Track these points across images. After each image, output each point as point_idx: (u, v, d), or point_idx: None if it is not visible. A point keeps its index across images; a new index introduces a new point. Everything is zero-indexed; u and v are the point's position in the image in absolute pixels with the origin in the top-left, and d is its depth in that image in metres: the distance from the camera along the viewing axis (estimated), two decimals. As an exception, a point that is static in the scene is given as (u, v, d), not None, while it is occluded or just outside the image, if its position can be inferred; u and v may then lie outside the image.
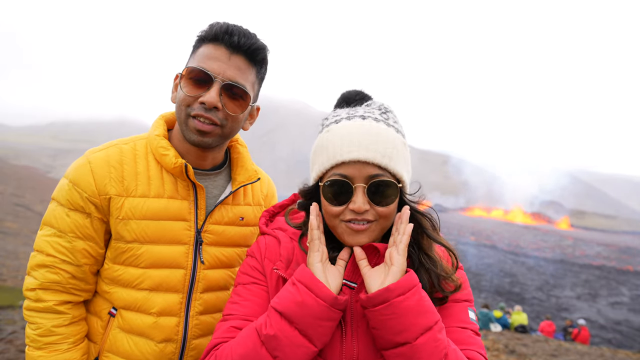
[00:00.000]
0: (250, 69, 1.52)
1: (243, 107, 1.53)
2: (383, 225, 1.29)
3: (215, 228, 1.63)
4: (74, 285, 1.52)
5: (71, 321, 1.53)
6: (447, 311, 1.30)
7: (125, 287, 1.55)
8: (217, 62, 1.45)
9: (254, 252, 1.45)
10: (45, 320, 1.49)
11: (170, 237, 1.55)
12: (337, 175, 1.24)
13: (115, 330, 1.55)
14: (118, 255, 1.54)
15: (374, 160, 1.22)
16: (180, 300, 1.57)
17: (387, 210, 1.25)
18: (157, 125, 1.63)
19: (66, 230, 1.49)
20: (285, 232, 1.45)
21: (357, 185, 1.23)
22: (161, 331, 1.54)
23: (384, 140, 1.25)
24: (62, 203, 1.51)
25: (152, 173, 1.56)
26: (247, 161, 1.76)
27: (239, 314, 1.32)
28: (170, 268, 1.55)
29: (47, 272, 1.49)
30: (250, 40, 1.48)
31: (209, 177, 1.67)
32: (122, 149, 1.57)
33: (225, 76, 1.45)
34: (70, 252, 1.50)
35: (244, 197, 1.76)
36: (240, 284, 1.41)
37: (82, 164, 1.52)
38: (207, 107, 1.45)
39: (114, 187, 1.50)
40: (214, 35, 1.46)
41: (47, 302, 1.49)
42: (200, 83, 1.46)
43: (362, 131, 1.25)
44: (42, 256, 1.50)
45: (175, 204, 1.56)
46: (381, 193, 1.23)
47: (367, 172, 1.22)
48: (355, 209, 1.22)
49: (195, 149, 1.58)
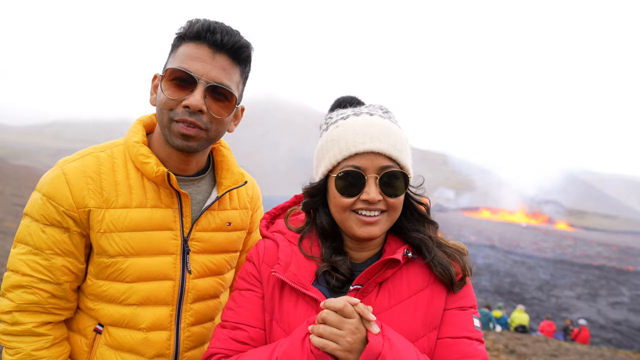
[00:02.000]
0: (235, 68, 1.45)
1: (229, 109, 1.46)
2: (392, 216, 1.32)
3: (202, 235, 1.57)
4: (53, 304, 1.43)
5: (52, 343, 1.44)
6: (455, 319, 1.32)
7: (111, 303, 1.47)
8: (200, 62, 1.37)
9: (252, 257, 1.46)
10: (24, 344, 1.39)
11: (156, 248, 1.48)
12: (350, 166, 1.26)
13: (102, 348, 1.48)
14: (101, 271, 1.46)
15: (387, 151, 1.25)
16: (170, 313, 1.51)
17: (397, 201, 1.29)
18: (135, 130, 1.54)
19: (43, 247, 1.40)
20: (284, 235, 1.44)
21: (370, 176, 1.25)
22: (152, 347, 1.48)
23: (394, 134, 1.30)
24: (37, 218, 1.41)
25: (132, 182, 1.47)
26: (232, 164, 1.69)
27: (233, 321, 1.36)
28: (157, 280, 1.48)
29: (24, 292, 1.39)
30: (234, 38, 1.40)
31: (192, 183, 1.59)
32: (98, 158, 1.47)
33: (209, 77, 1.37)
34: (49, 270, 1.40)
35: (230, 201, 1.69)
36: (237, 289, 1.45)
37: (55, 175, 1.42)
38: (191, 111, 1.37)
39: (93, 198, 1.41)
40: (196, 33, 1.38)
41: (26, 325, 1.39)
42: (183, 85, 1.38)
43: (373, 125, 1.29)
44: (17, 276, 1.39)
45: (159, 213, 1.48)
46: (392, 184, 1.27)
47: (379, 163, 1.25)
48: (369, 199, 1.24)
49: (178, 153, 1.50)
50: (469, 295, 1.37)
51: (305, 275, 1.33)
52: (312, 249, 1.40)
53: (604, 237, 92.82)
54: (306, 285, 1.30)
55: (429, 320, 1.29)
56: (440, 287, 1.33)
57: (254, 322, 1.36)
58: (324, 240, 1.40)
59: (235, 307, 1.39)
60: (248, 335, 1.34)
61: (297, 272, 1.33)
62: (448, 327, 1.30)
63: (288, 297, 1.33)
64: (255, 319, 1.36)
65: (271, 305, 1.35)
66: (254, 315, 1.36)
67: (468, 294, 1.37)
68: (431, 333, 1.29)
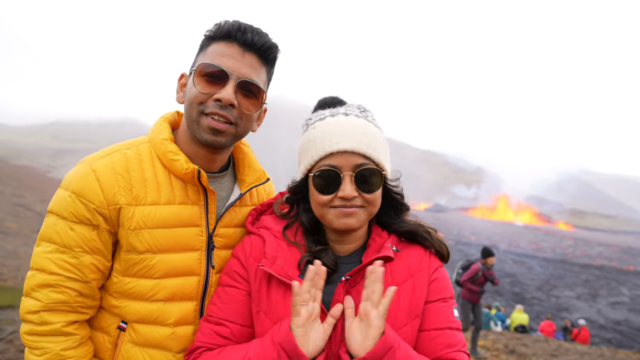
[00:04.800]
0: (262, 68, 1.49)
1: (257, 105, 1.50)
2: (370, 211, 1.38)
3: (225, 231, 1.60)
4: (81, 303, 1.43)
5: (80, 342, 1.43)
6: (439, 311, 1.40)
7: (138, 300, 1.48)
8: (230, 59, 1.41)
9: (238, 253, 1.52)
10: (53, 344, 1.38)
11: (183, 244, 1.50)
12: (326, 165, 1.33)
13: (127, 345, 1.48)
14: (129, 268, 1.46)
15: (360, 149, 1.31)
16: (195, 308, 1.54)
17: (373, 196, 1.35)
18: (162, 128, 1.55)
19: (72, 245, 1.39)
20: (270, 230, 1.50)
21: (345, 174, 1.32)
22: (179, 341, 1.51)
23: (366, 132, 1.35)
24: (64, 216, 1.39)
25: (160, 179, 1.49)
26: (254, 162, 1.72)
27: (215, 317, 1.43)
28: (184, 276, 1.51)
29: (52, 291, 1.38)
30: (263, 38, 1.45)
31: (216, 180, 1.63)
32: (126, 155, 1.48)
33: (240, 73, 1.41)
34: (77, 268, 1.39)
35: (250, 197, 1.74)
36: (220, 284, 1.51)
37: (85, 172, 1.41)
38: (222, 105, 1.41)
39: (124, 195, 1.42)
40: (226, 32, 1.42)
41: (54, 325, 1.38)
42: (215, 80, 1.41)
43: (347, 125, 1.35)
44: (43, 275, 1.38)
45: (187, 209, 1.51)
46: (367, 180, 1.33)
47: (353, 161, 1.32)
48: (344, 196, 1.31)
49: (205, 151, 1.53)
50: (448, 286, 1.46)
51: (292, 268, 1.38)
52: (296, 240, 1.47)
53: (604, 237, 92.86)
54: (292, 277, 1.34)
55: (412, 309, 1.37)
56: (423, 278, 1.42)
57: (236, 319, 1.42)
58: (307, 235, 1.47)
59: (218, 303, 1.45)
60: (230, 331, 1.40)
61: (284, 265, 1.38)
62: (433, 319, 1.38)
63: (276, 290, 1.38)
64: (238, 315, 1.42)
65: (258, 298, 1.40)
66: (236, 311, 1.42)
67: (447, 285, 1.46)
68: (414, 321, 1.37)
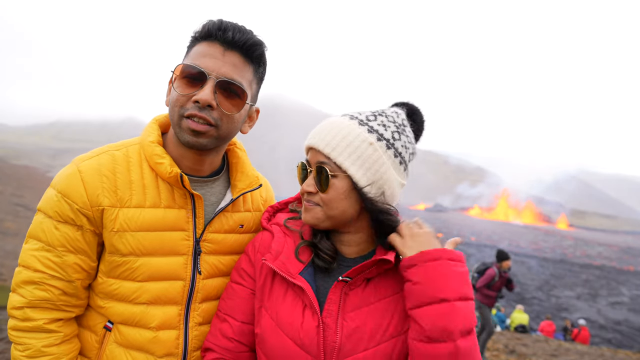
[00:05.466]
0: (247, 66, 1.44)
1: (239, 105, 1.45)
2: (327, 212, 1.34)
3: (214, 237, 1.57)
4: (64, 301, 1.43)
5: (63, 340, 1.43)
6: None
7: (122, 302, 1.46)
8: (211, 59, 1.38)
9: (248, 249, 1.55)
10: (35, 341, 1.39)
11: (168, 248, 1.48)
12: (304, 159, 1.40)
13: (112, 345, 1.48)
14: (113, 269, 1.45)
15: (318, 147, 1.33)
16: (179, 312, 1.51)
17: (326, 196, 1.33)
18: (151, 130, 1.53)
19: (55, 244, 1.39)
20: (281, 227, 1.50)
21: (310, 169, 1.37)
22: (162, 346, 1.48)
23: (336, 132, 1.33)
24: (50, 215, 1.40)
25: (146, 182, 1.47)
26: (247, 166, 1.68)
27: (223, 312, 1.49)
28: (168, 280, 1.49)
29: (35, 289, 1.39)
30: (246, 35, 1.41)
31: (206, 184, 1.59)
32: (114, 156, 1.47)
33: (220, 73, 1.38)
34: (61, 267, 1.40)
35: (243, 203, 1.68)
36: (230, 280, 1.55)
37: (71, 172, 1.41)
38: (200, 106, 1.37)
39: (107, 197, 1.41)
40: (207, 32, 1.39)
41: (37, 321, 1.39)
42: (194, 81, 1.38)
43: (327, 123, 1.37)
44: (29, 272, 1.39)
45: (173, 213, 1.48)
46: (322, 179, 1.33)
47: (317, 158, 1.34)
48: (302, 187, 1.39)
49: (192, 153, 1.50)
50: None
51: (294, 264, 1.38)
52: (304, 233, 1.47)
53: (604, 237, 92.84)
54: (293, 274, 1.34)
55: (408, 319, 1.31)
56: None
57: (238, 315, 1.45)
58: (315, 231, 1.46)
59: (226, 298, 1.50)
60: (232, 330, 1.44)
61: (286, 261, 1.37)
62: None
63: (278, 287, 1.39)
64: (240, 312, 1.45)
65: (261, 293, 1.42)
66: (239, 308, 1.45)
67: None
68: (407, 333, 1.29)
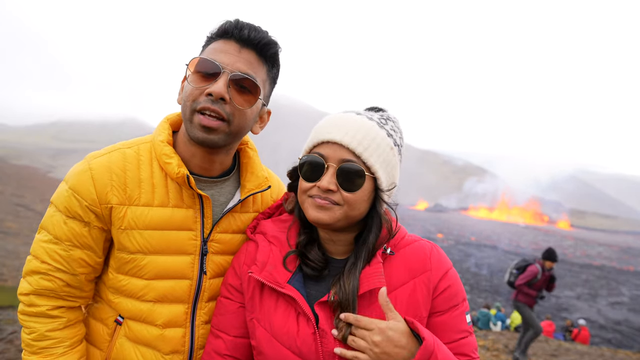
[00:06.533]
0: (261, 65, 1.46)
1: (251, 101, 1.45)
2: (348, 212, 1.29)
3: (222, 237, 1.57)
4: (68, 292, 1.48)
5: (66, 325, 1.49)
6: (451, 322, 1.32)
7: (130, 298, 1.50)
8: (226, 54, 1.40)
9: (233, 262, 1.53)
10: (39, 325, 1.45)
11: (175, 247, 1.49)
12: (316, 153, 1.30)
13: (122, 339, 1.52)
14: (121, 266, 1.49)
15: (349, 144, 1.26)
16: (186, 311, 1.53)
17: (352, 196, 1.27)
18: (162, 129, 1.54)
19: (62, 239, 1.43)
20: (265, 235, 1.47)
21: (329, 165, 1.27)
22: (168, 343, 1.51)
23: (365, 131, 1.29)
24: (60, 209, 1.44)
25: (156, 180, 1.48)
26: (257, 167, 1.66)
27: (215, 328, 1.47)
28: (175, 279, 1.50)
29: (41, 278, 1.44)
30: (261, 34, 1.43)
31: (215, 184, 1.58)
32: (125, 154, 1.49)
33: (234, 67, 1.39)
34: (66, 260, 1.44)
35: (253, 204, 1.67)
36: (220, 295, 1.52)
37: (82, 169, 1.44)
38: (213, 99, 1.37)
39: (116, 195, 1.43)
40: (224, 30, 1.42)
41: (40, 307, 1.45)
42: (208, 75, 1.39)
43: (348, 120, 1.32)
44: (37, 262, 1.45)
45: (181, 213, 1.49)
46: (349, 178, 1.26)
47: (341, 155, 1.27)
48: (320, 185, 1.27)
49: (202, 152, 1.50)
50: (460, 290, 1.36)
51: (282, 273, 1.35)
52: (290, 238, 1.43)
53: (604, 237, 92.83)
54: (282, 284, 1.31)
55: (409, 313, 1.28)
56: (426, 282, 1.32)
57: (230, 330, 1.43)
58: (304, 229, 1.43)
59: (217, 314, 1.49)
60: (225, 346, 1.42)
61: (273, 271, 1.34)
62: (446, 333, 1.30)
63: (268, 297, 1.36)
64: (231, 327, 1.43)
65: (252, 305, 1.39)
66: (231, 323, 1.44)
67: (460, 289, 1.36)
68: None
